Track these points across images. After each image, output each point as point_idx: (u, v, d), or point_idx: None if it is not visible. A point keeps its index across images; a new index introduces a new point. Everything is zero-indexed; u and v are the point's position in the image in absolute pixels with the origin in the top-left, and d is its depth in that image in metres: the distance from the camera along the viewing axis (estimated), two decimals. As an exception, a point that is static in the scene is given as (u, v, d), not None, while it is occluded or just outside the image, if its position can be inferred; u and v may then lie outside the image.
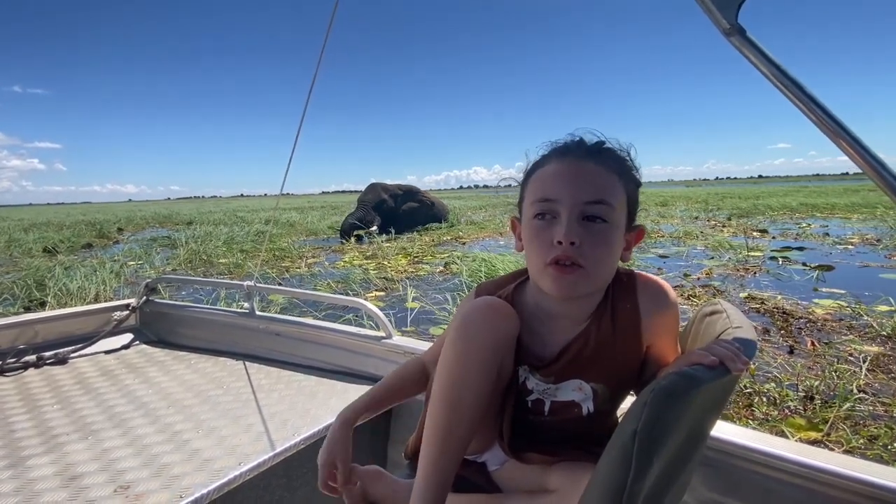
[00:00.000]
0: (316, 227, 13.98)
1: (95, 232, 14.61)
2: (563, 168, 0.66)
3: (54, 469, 1.02)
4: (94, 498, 0.91)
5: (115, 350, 1.82)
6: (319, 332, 1.60)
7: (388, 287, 5.35)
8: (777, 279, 5.11)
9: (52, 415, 1.28)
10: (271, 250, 8.73)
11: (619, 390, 0.75)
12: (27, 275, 6.05)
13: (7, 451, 1.09)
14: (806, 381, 2.56)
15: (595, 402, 0.72)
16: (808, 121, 0.62)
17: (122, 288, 5.67)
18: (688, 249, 7.38)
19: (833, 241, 7.96)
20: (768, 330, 3.39)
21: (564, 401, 0.73)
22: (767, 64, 0.62)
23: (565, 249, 0.63)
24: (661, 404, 0.48)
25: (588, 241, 0.63)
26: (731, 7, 0.63)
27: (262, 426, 1.18)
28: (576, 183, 0.64)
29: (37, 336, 1.78)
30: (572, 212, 0.63)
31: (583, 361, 0.70)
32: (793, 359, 2.88)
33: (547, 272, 0.65)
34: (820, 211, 15.00)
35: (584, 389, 0.72)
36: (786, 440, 0.86)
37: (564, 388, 0.72)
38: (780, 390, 2.47)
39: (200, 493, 0.91)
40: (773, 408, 2.35)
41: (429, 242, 9.55)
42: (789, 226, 10.89)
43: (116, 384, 1.50)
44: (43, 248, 10.04)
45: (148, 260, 7.93)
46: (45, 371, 1.62)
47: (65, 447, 1.11)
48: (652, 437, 0.47)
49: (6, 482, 0.97)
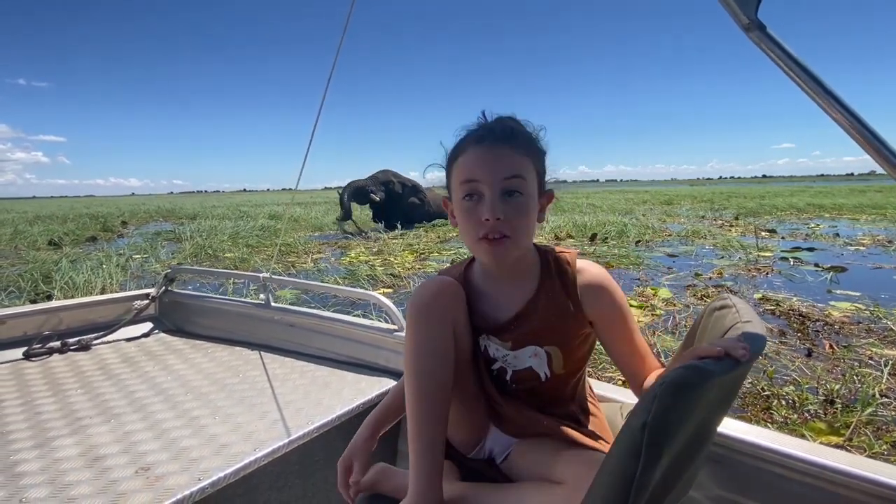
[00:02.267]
0: (321, 222, 13.94)
1: (99, 225, 14.63)
2: (482, 152, 0.75)
3: (78, 450, 1.05)
4: (117, 478, 0.94)
5: (135, 338, 1.88)
6: (333, 324, 1.61)
7: (396, 284, 5.32)
8: (790, 280, 5.05)
9: (76, 398, 1.32)
10: (274, 244, 8.71)
11: (572, 355, 0.82)
12: (33, 268, 6.04)
13: (34, 432, 1.14)
14: (826, 384, 2.51)
15: (549, 365, 0.81)
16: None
17: (129, 282, 5.65)
18: (696, 249, 7.32)
19: (844, 242, 7.89)
20: (784, 332, 3.34)
21: (523, 368, 0.81)
22: (788, 61, 0.61)
23: (493, 225, 0.73)
24: (671, 397, 0.48)
25: (510, 214, 0.73)
26: (751, 2, 0.62)
27: (276, 414, 1.20)
28: (493, 164, 0.73)
29: (61, 323, 1.82)
30: (494, 190, 0.73)
31: (535, 327, 0.79)
32: (811, 362, 2.83)
33: (481, 246, 0.75)
34: (827, 211, 14.89)
35: (539, 354, 0.80)
36: (795, 438, 0.84)
37: (521, 355, 0.81)
38: (799, 393, 2.43)
39: (217, 477, 0.93)
40: (793, 411, 2.31)
41: (434, 239, 9.51)
42: (798, 226, 10.81)
43: (137, 370, 1.53)
44: (48, 240, 10.04)
45: (153, 254, 7.91)
46: (69, 357, 1.67)
47: (88, 430, 1.14)
48: (661, 430, 0.48)
49: (33, 461, 1.01)
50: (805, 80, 0.60)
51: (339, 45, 1.36)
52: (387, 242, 8.78)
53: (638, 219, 12.44)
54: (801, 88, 0.61)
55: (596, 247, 7.77)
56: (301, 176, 1.72)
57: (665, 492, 0.53)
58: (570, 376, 0.84)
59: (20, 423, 1.19)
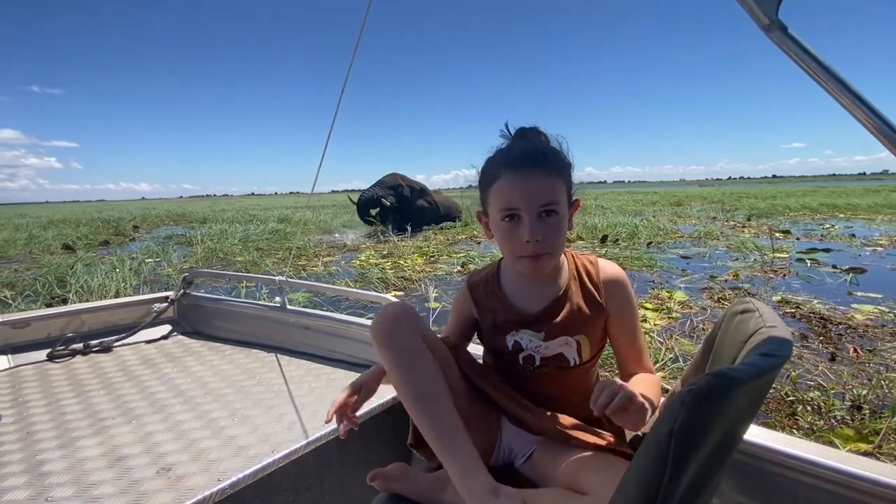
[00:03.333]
0: (329, 225, 13.99)
1: (112, 229, 14.79)
2: (518, 180, 0.80)
3: (101, 450, 1.08)
4: (138, 479, 0.96)
5: (154, 340, 1.91)
6: (347, 327, 1.62)
7: (407, 286, 5.30)
8: (808, 282, 4.96)
9: (99, 399, 1.35)
10: (287, 249, 8.73)
11: (596, 343, 0.90)
12: (48, 272, 6.10)
13: (59, 432, 1.16)
14: (852, 389, 2.44)
15: (579, 353, 0.88)
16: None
17: (142, 285, 5.69)
18: (710, 250, 7.22)
19: (860, 243, 7.74)
20: (806, 336, 3.26)
21: (553, 354, 0.88)
22: (811, 62, 0.60)
23: (533, 246, 0.80)
24: (699, 404, 0.48)
25: (548, 234, 0.81)
26: (772, 1, 0.61)
27: (293, 416, 1.22)
28: (530, 194, 0.79)
29: (83, 325, 1.87)
30: (531, 215, 0.80)
31: (566, 320, 0.87)
32: (835, 366, 2.76)
33: (521, 262, 0.83)
34: (842, 211, 14.65)
35: (570, 343, 0.87)
36: (821, 445, 0.81)
37: (552, 345, 0.87)
38: (825, 399, 2.36)
39: (236, 478, 0.95)
40: (819, 417, 2.25)
41: (444, 241, 9.49)
42: (812, 227, 10.63)
43: (156, 372, 1.56)
44: (62, 245, 10.16)
45: (165, 257, 7.96)
46: (91, 358, 1.70)
47: (110, 430, 1.17)
48: (689, 438, 0.47)
49: (58, 461, 1.03)
50: (828, 81, 0.59)
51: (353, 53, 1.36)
52: (396, 245, 8.77)
53: (648, 220, 12.32)
54: (825, 89, 0.60)
55: (607, 248, 7.69)
56: (316, 181, 1.73)
57: (691, 500, 0.52)
58: (593, 363, 0.92)
59: (45, 423, 1.22)
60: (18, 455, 1.06)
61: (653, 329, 3.44)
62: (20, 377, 1.54)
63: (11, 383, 1.49)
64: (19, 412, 1.28)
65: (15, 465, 1.03)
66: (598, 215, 13.48)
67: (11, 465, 1.03)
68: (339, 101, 1.47)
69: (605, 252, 7.28)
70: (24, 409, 1.29)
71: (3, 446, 1.11)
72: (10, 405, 1.33)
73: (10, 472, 1.00)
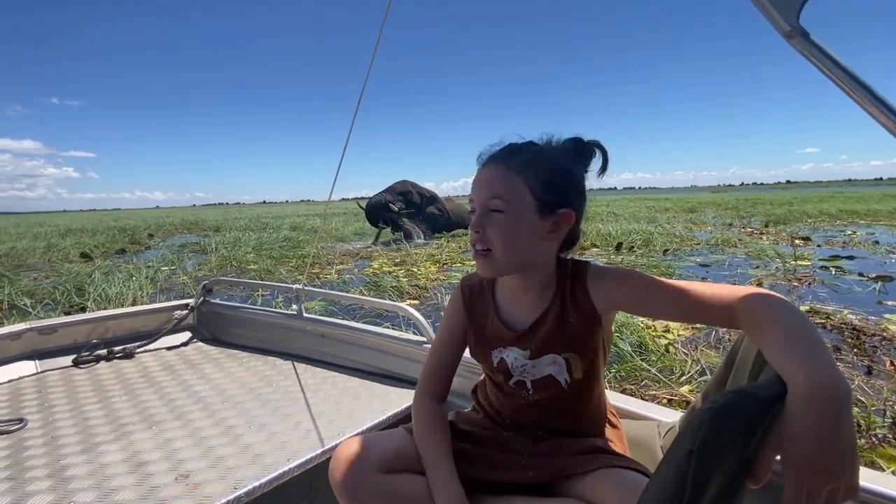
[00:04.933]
0: (341, 233, 14.04)
1: (128, 238, 15.00)
2: (476, 175, 0.82)
3: (122, 455, 1.09)
4: (158, 485, 0.97)
5: (175, 347, 1.95)
6: (363, 335, 1.63)
7: (422, 295, 5.26)
8: (835, 291, 4.81)
9: (121, 405, 1.38)
10: (300, 256, 8.75)
11: (590, 361, 0.83)
12: (66, 280, 6.17)
13: (82, 437, 1.19)
14: (893, 405, 2.34)
15: (569, 372, 0.82)
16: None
17: (158, 294, 5.72)
18: (728, 258, 7.08)
19: (885, 250, 7.54)
20: (839, 348, 3.15)
21: (543, 377, 0.83)
22: (834, 68, 0.59)
23: (474, 238, 0.79)
24: (719, 424, 0.46)
25: (490, 228, 0.78)
26: (793, 7, 0.60)
27: (309, 424, 1.22)
28: (479, 185, 0.80)
29: (107, 332, 1.91)
30: (480, 208, 0.79)
31: (552, 335, 0.81)
32: (872, 380, 2.65)
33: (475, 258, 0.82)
34: (862, 218, 14.32)
35: (558, 361, 0.82)
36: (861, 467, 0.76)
37: (540, 364, 0.82)
38: (865, 416, 2.26)
39: (253, 486, 0.96)
40: (859, 436, 2.15)
41: (456, 249, 9.44)
42: (833, 233, 10.40)
43: (177, 378, 1.59)
44: (80, 253, 10.31)
45: (180, 265, 8.03)
46: (114, 364, 1.74)
47: (132, 436, 1.19)
48: (708, 458, 0.45)
49: (81, 466, 1.05)
50: (853, 87, 0.58)
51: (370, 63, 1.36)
52: (409, 253, 8.75)
53: (663, 227, 12.16)
54: (849, 95, 0.59)
55: (623, 256, 7.59)
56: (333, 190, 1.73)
57: None
58: (592, 380, 0.85)
59: (70, 427, 1.24)
60: (43, 460, 1.08)
61: (676, 340, 3.35)
62: (47, 382, 1.57)
63: (38, 388, 1.53)
64: (45, 417, 1.31)
65: (39, 469, 1.05)
66: (611, 222, 13.36)
67: (36, 469, 1.05)
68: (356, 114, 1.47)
69: (620, 260, 7.17)
70: (50, 414, 1.33)
71: (29, 451, 1.13)
72: (37, 409, 1.36)
73: (35, 477, 1.02)
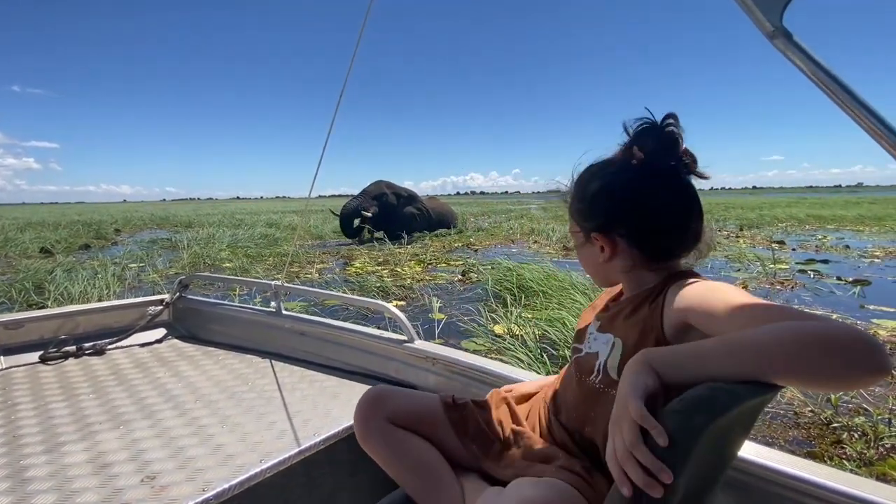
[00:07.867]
0: (320, 230, 13.69)
1: (93, 232, 14.28)
2: None
3: (86, 456, 1.05)
4: (122, 487, 0.94)
5: (148, 343, 1.86)
6: (343, 334, 1.60)
7: (408, 296, 5.09)
8: (817, 294, 4.89)
9: (88, 404, 1.32)
10: (278, 255, 8.45)
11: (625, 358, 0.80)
12: (24, 277, 5.75)
13: (45, 437, 1.14)
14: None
15: (610, 354, 0.79)
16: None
17: (126, 292, 5.38)
18: (709, 261, 7.17)
19: (857, 254, 7.78)
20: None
21: (592, 353, 0.83)
22: (816, 69, 0.59)
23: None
24: (690, 415, 0.48)
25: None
26: (776, 8, 0.60)
27: (284, 424, 1.20)
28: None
29: (77, 327, 1.82)
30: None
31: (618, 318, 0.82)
32: (872, 387, 2.64)
33: None
34: (829, 223, 14.89)
35: (610, 343, 0.80)
36: (824, 466, 0.78)
37: (600, 338, 0.83)
38: (871, 425, 2.23)
39: (222, 488, 0.93)
40: (867, 446, 2.11)
41: (440, 248, 9.31)
42: (805, 237, 10.73)
43: (148, 377, 1.53)
44: (40, 248, 9.71)
45: (150, 262, 7.63)
46: (83, 361, 1.67)
47: (97, 436, 1.14)
48: (678, 448, 0.47)
49: (42, 467, 1.01)
50: (835, 90, 0.58)
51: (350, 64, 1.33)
52: (392, 252, 8.56)
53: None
54: (831, 98, 0.59)
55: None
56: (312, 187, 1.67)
57: None
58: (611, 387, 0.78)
59: (32, 426, 1.19)
60: (2, 459, 1.04)
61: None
62: (11, 379, 1.51)
63: (2, 385, 1.46)
64: (7, 415, 1.25)
65: None
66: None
67: None
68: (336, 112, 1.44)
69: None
70: (13, 412, 1.27)
71: None
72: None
73: None
